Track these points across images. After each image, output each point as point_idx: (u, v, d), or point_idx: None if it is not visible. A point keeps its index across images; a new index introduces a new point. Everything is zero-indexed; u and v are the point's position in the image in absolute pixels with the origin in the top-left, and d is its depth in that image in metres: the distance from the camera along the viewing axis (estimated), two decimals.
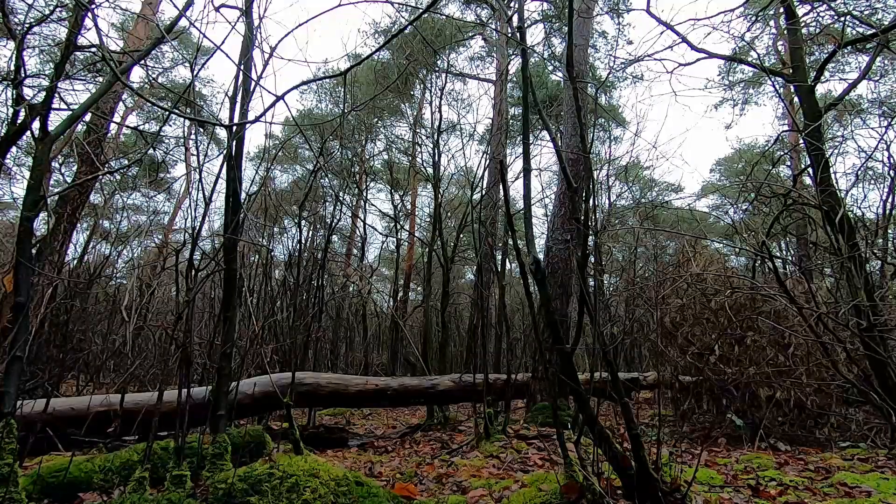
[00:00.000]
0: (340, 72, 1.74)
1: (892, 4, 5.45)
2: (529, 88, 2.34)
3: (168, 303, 8.88)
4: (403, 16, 9.20)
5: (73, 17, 2.15)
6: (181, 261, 2.39)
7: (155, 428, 1.98)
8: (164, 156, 10.58)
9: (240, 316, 4.52)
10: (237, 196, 2.43)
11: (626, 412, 1.70)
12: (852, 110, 8.47)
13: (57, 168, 6.26)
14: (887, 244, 4.39)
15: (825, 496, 2.09)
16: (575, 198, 4.16)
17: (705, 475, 2.37)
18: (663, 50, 5.16)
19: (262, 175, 6.20)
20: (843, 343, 3.35)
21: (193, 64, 2.43)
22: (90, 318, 5.83)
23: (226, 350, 2.31)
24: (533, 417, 4.45)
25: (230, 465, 2.12)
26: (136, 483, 1.82)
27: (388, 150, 13.12)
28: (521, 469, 2.81)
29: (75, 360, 5.05)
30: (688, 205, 13.09)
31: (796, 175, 4.26)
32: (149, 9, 6.96)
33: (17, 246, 1.84)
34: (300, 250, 5.65)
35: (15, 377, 1.71)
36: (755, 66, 5.56)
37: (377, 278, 15.07)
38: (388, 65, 11.29)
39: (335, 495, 1.81)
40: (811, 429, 3.56)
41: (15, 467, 1.63)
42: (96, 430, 2.96)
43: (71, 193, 5.34)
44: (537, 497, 1.89)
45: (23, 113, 1.92)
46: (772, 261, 3.60)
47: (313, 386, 4.03)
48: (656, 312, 4.49)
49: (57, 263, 5.28)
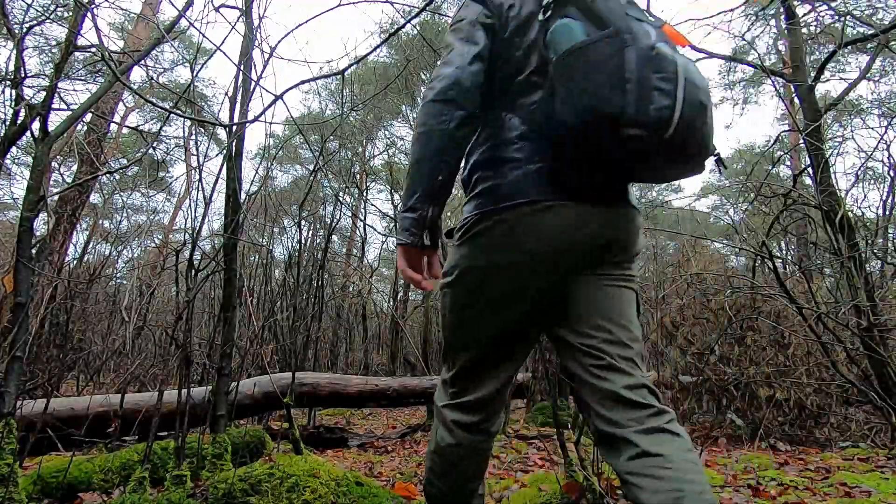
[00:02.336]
0: (339, 70, 1.75)
1: (892, 4, 5.46)
2: None
3: (168, 303, 8.89)
4: (404, 17, 9.20)
5: (73, 17, 2.15)
6: (181, 261, 2.39)
7: (155, 428, 1.98)
8: (164, 156, 10.58)
9: (240, 316, 4.52)
10: (237, 196, 2.43)
11: None
12: (852, 110, 8.48)
13: (57, 168, 6.26)
14: (887, 244, 4.39)
15: (825, 496, 2.09)
16: None
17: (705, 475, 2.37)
18: None
19: (261, 175, 6.21)
20: (843, 343, 3.35)
21: (193, 64, 2.43)
22: (90, 318, 5.84)
23: (226, 350, 2.31)
24: (533, 417, 4.46)
25: (230, 465, 2.12)
26: (136, 483, 1.82)
27: (389, 151, 13.14)
28: (521, 469, 2.81)
29: (75, 360, 5.06)
30: (688, 205, 13.10)
31: (796, 175, 4.26)
32: (149, 9, 6.97)
33: (17, 246, 1.84)
34: (300, 250, 5.65)
35: (15, 377, 1.71)
36: (755, 65, 5.57)
37: (377, 278, 15.07)
38: (389, 66, 11.30)
39: (335, 495, 1.81)
40: (811, 429, 3.56)
41: (15, 467, 1.63)
42: (96, 430, 2.96)
43: (71, 193, 5.34)
44: (537, 497, 1.89)
45: (23, 113, 1.92)
46: (772, 261, 3.60)
47: (313, 386, 4.02)
48: (656, 312, 4.49)
49: (57, 263, 5.28)
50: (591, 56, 0.92)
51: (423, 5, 2.32)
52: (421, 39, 9.16)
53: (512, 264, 1.05)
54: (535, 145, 1.05)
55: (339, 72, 1.62)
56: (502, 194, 1.04)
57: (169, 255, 10.15)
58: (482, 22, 1.09)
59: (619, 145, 0.90)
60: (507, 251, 1.05)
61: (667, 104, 0.86)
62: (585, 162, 0.99)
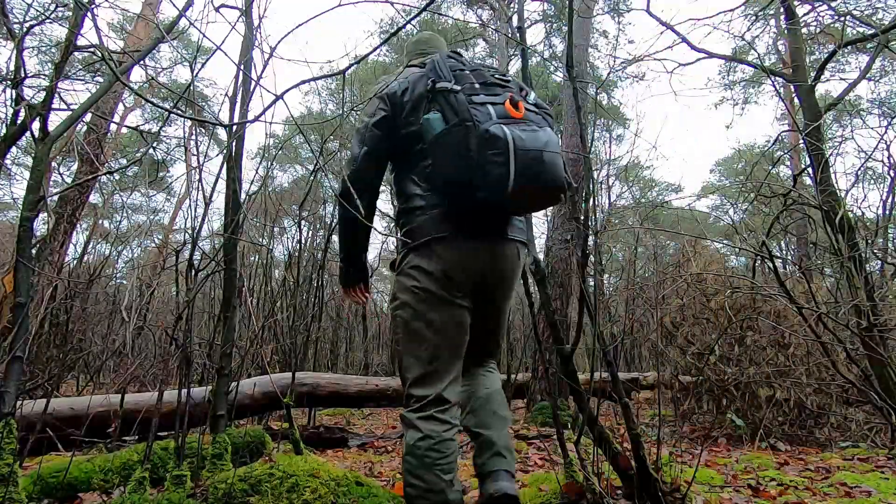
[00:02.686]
0: (340, 70, 1.75)
1: (893, 4, 5.45)
2: (530, 88, 2.34)
3: (168, 303, 8.88)
4: (405, 17, 9.20)
5: (73, 17, 2.15)
6: (181, 261, 2.39)
7: (155, 428, 1.98)
8: (164, 156, 10.57)
9: (240, 316, 4.52)
10: (237, 196, 2.43)
11: (626, 412, 1.69)
12: (852, 110, 8.47)
13: (57, 168, 6.26)
14: (887, 244, 4.39)
15: (825, 496, 2.09)
16: (575, 198, 4.16)
17: (705, 475, 2.37)
18: (663, 50, 5.17)
19: (261, 175, 6.21)
20: (843, 343, 3.35)
21: (193, 64, 2.43)
22: (90, 318, 5.83)
23: (226, 350, 2.31)
24: (533, 417, 4.45)
25: (230, 465, 2.12)
26: (136, 483, 1.82)
27: None
28: (521, 469, 2.81)
29: (75, 360, 5.05)
30: (688, 205, 13.08)
31: (796, 175, 4.25)
32: (149, 9, 6.97)
33: (17, 246, 1.84)
34: (300, 250, 5.65)
35: (15, 377, 1.71)
36: (755, 65, 5.56)
37: (377, 278, 15.06)
38: (389, 66, 11.30)
39: (335, 495, 1.81)
40: (811, 429, 3.56)
41: (15, 467, 1.63)
42: (96, 430, 2.96)
43: (71, 193, 5.34)
44: (537, 497, 1.89)
45: (23, 113, 1.92)
46: (772, 261, 3.60)
47: (313, 386, 4.02)
48: (656, 312, 4.49)
49: (57, 263, 5.28)
50: (446, 141, 1.30)
51: (422, 6, 2.32)
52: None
53: (434, 281, 1.39)
54: (432, 197, 1.42)
55: (340, 72, 1.62)
56: (415, 235, 1.42)
57: (169, 255, 10.15)
58: (378, 118, 1.49)
59: (478, 201, 1.28)
60: (426, 274, 1.40)
61: (502, 172, 1.21)
62: (466, 208, 1.36)
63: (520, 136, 1.23)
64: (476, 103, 1.27)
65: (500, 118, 1.25)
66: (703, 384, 3.90)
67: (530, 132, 1.26)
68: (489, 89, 1.33)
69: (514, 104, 1.30)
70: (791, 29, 4.07)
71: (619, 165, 9.73)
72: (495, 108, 1.27)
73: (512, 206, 1.40)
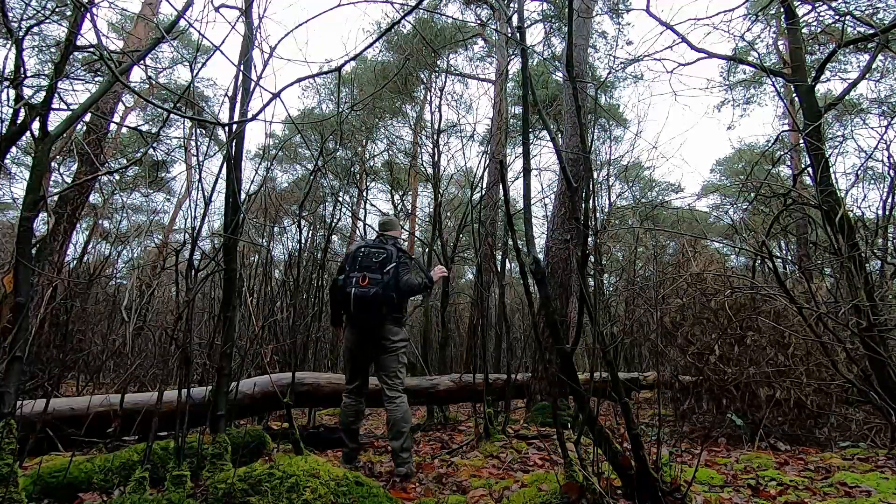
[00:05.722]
0: (336, 67, 1.74)
1: (893, 4, 5.45)
2: (529, 88, 2.34)
3: (168, 303, 8.88)
4: (406, 18, 9.18)
5: (73, 17, 2.15)
6: (181, 261, 2.39)
7: (155, 428, 1.98)
8: (164, 156, 10.58)
9: (240, 316, 4.52)
10: (237, 196, 2.43)
11: (626, 412, 1.70)
12: (852, 110, 8.47)
13: (57, 168, 6.26)
14: (887, 244, 4.39)
15: (825, 496, 2.09)
16: (575, 198, 4.16)
17: (705, 475, 2.37)
18: (663, 50, 5.16)
19: (261, 175, 6.20)
20: (843, 343, 3.35)
21: (193, 64, 2.43)
22: (90, 318, 5.83)
23: (226, 350, 2.31)
24: (533, 417, 4.45)
25: (230, 465, 2.12)
26: (136, 483, 1.82)
27: (389, 150, 13.13)
28: (521, 469, 2.81)
29: (75, 360, 5.05)
30: (688, 205, 13.08)
31: (796, 175, 4.25)
32: (149, 9, 6.97)
33: (17, 246, 1.84)
34: (300, 250, 5.65)
35: (15, 377, 1.71)
36: (755, 65, 5.56)
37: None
38: (389, 66, 11.29)
39: (335, 495, 1.81)
40: (811, 429, 3.56)
41: (15, 467, 1.63)
42: (96, 430, 2.96)
43: (71, 193, 5.34)
44: (537, 497, 1.89)
45: (23, 113, 1.92)
46: (772, 261, 3.60)
47: (313, 386, 4.03)
48: (656, 312, 4.49)
49: (57, 263, 5.28)
50: (338, 287, 2.94)
51: (415, 3, 2.31)
52: (420, 39, 9.16)
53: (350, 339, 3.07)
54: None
55: (336, 68, 1.61)
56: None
57: (169, 255, 10.15)
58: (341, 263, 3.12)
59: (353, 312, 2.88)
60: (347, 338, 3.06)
61: (350, 306, 2.84)
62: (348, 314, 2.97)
63: (355, 293, 2.82)
64: (349, 277, 2.89)
65: (355, 286, 2.83)
66: (703, 384, 3.90)
67: (365, 291, 2.81)
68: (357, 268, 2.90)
69: (363, 279, 2.84)
70: (791, 29, 4.08)
71: (620, 165, 9.72)
72: (355, 279, 2.86)
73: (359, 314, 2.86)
